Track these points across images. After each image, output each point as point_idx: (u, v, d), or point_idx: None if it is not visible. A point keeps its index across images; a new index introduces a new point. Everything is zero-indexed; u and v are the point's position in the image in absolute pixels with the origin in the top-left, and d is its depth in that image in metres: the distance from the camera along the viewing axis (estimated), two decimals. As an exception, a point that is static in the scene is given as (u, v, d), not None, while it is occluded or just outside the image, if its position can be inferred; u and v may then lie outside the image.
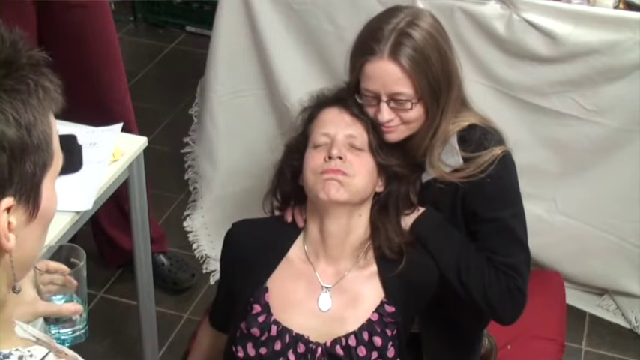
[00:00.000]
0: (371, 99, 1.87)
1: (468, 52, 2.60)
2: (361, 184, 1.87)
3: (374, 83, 1.85)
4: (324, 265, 1.92)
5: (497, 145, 1.91)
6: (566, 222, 2.78)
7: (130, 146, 2.12)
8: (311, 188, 1.88)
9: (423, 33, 1.84)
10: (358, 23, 2.07)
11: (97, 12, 2.46)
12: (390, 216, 1.93)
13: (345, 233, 1.91)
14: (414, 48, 1.82)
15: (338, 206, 1.86)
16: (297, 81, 2.84)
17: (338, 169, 1.84)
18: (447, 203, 1.95)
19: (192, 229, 3.18)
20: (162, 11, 4.55)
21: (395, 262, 1.90)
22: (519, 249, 1.94)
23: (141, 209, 2.24)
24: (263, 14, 2.83)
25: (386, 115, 1.85)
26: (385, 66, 1.82)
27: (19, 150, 0.90)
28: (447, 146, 1.91)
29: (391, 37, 1.82)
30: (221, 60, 2.95)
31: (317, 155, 1.88)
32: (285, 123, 2.83)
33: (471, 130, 1.92)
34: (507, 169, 1.93)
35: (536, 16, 2.54)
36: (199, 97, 3.30)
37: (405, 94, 1.83)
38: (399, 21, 1.85)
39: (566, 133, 2.66)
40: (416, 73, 1.81)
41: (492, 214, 1.92)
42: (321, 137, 1.90)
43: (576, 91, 2.59)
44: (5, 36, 0.92)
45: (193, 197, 3.28)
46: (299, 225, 1.97)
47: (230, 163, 3.11)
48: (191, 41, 4.43)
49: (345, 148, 1.87)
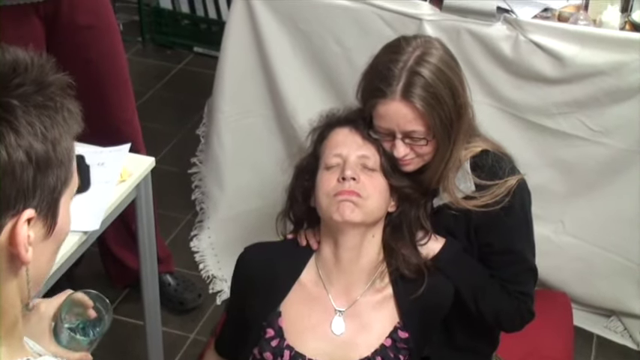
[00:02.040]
0: (385, 135, 1.87)
1: (474, 73, 2.60)
2: (375, 204, 1.86)
3: (387, 123, 1.84)
4: (337, 289, 1.91)
5: (512, 174, 1.91)
6: (573, 243, 2.77)
7: (138, 166, 2.13)
8: (325, 210, 1.87)
9: (433, 69, 1.81)
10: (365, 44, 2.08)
11: (106, 33, 2.47)
12: (405, 237, 1.93)
13: (359, 255, 1.89)
14: (425, 87, 1.80)
15: (352, 227, 1.85)
16: (304, 102, 2.85)
17: (352, 190, 1.83)
18: (461, 230, 1.96)
19: (199, 249, 3.18)
20: (170, 32, 4.57)
21: (413, 284, 1.89)
22: (531, 275, 1.99)
23: (148, 229, 2.24)
24: (270, 35, 2.85)
25: (402, 151, 1.86)
26: (397, 108, 1.81)
27: (44, 163, 0.92)
28: (460, 171, 1.91)
29: (402, 78, 1.80)
30: (228, 81, 2.96)
31: (330, 176, 1.87)
32: (293, 144, 2.84)
33: (483, 155, 1.92)
34: (522, 200, 1.93)
35: (542, 38, 2.54)
36: (207, 117, 3.31)
37: (419, 132, 1.83)
38: (408, 58, 1.82)
39: (572, 154, 2.66)
40: (428, 112, 1.80)
41: (507, 247, 1.94)
42: (333, 158, 1.89)
43: (583, 111, 2.59)
44: (34, 58, 0.95)
45: (200, 217, 3.28)
46: (313, 247, 1.95)
47: (237, 183, 3.11)
48: (199, 62, 4.45)
49: (358, 168, 1.86)
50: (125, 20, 4.67)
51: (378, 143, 1.88)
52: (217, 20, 4.40)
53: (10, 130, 0.89)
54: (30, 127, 0.91)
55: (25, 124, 0.90)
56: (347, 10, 2.74)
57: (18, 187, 0.91)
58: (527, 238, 1.98)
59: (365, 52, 1.96)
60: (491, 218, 1.89)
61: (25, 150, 0.90)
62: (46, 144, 0.92)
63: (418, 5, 2.67)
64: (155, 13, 4.56)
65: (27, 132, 0.90)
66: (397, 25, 2.65)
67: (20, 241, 0.93)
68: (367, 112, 1.88)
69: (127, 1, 4.77)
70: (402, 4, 2.68)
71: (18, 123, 0.90)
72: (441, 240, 1.95)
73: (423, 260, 1.92)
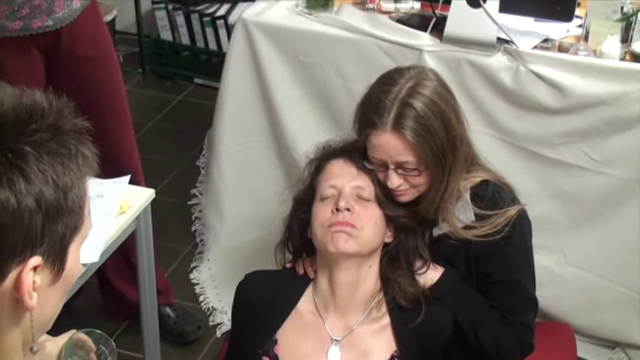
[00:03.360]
0: (379, 166, 1.89)
1: (474, 103, 2.61)
2: (370, 235, 1.87)
3: (380, 153, 1.86)
4: (333, 318, 1.91)
5: (512, 204, 1.92)
6: (576, 274, 2.76)
7: (138, 198, 2.13)
8: (320, 241, 1.88)
9: (425, 101, 1.82)
10: (366, 75, 2.08)
11: (105, 64, 2.48)
12: (402, 267, 1.93)
13: (355, 285, 1.90)
14: (416, 119, 1.81)
15: (347, 258, 1.86)
16: (304, 132, 2.86)
17: (346, 221, 1.84)
18: (460, 260, 1.96)
19: (199, 281, 3.17)
20: (171, 63, 4.59)
21: (410, 313, 1.89)
22: (531, 306, 1.99)
23: (147, 261, 2.23)
24: (271, 66, 2.85)
25: (395, 182, 1.87)
26: (389, 139, 1.82)
27: (53, 211, 0.92)
28: (460, 202, 1.92)
29: (393, 109, 1.81)
30: (229, 111, 2.97)
31: (324, 208, 1.88)
32: (293, 174, 2.83)
33: (483, 186, 1.93)
34: (522, 230, 1.94)
35: (543, 68, 2.55)
36: (207, 148, 3.31)
37: (410, 163, 1.84)
38: (400, 90, 1.83)
39: (574, 184, 2.65)
40: (419, 143, 1.81)
41: (507, 277, 1.94)
42: (327, 189, 1.90)
43: (584, 142, 2.59)
44: (53, 102, 0.95)
45: (200, 249, 3.27)
46: (310, 276, 1.96)
47: (237, 214, 3.11)
48: (199, 93, 4.46)
49: (353, 199, 1.87)
50: (125, 52, 4.69)
51: (373, 174, 1.90)
52: (217, 52, 4.42)
53: (21, 177, 0.88)
54: (42, 174, 0.90)
55: (36, 171, 0.90)
56: (348, 41, 2.75)
57: (26, 234, 0.90)
58: (527, 268, 1.98)
59: (365, 83, 1.97)
60: (491, 248, 1.90)
61: (35, 197, 0.89)
62: (57, 191, 0.92)
63: (418, 36, 2.68)
64: (155, 45, 4.58)
65: (38, 179, 0.90)
66: (397, 56, 2.66)
67: (25, 289, 0.92)
68: (361, 142, 1.89)
69: (128, 33, 4.79)
70: (403, 36, 2.69)
71: (29, 170, 0.89)
72: (439, 269, 1.96)
73: (421, 289, 1.91)
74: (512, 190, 1.97)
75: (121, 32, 4.76)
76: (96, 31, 2.44)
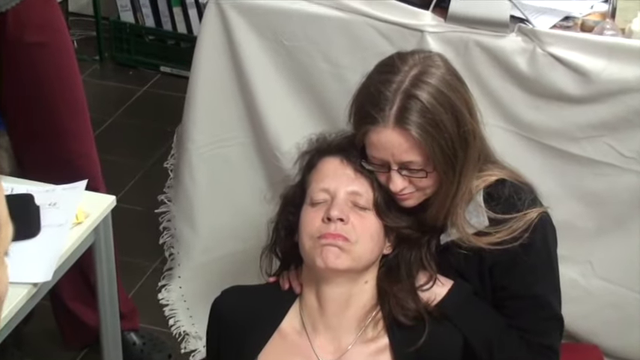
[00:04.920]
0: (379, 167, 1.89)
1: (485, 92, 2.61)
2: (365, 249, 1.88)
3: (381, 152, 1.86)
4: (323, 338, 1.92)
5: (532, 206, 1.92)
6: (604, 287, 2.77)
7: (96, 206, 2.13)
8: (307, 253, 1.89)
9: (431, 91, 1.82)
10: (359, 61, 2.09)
11: (58, 52, 2.48)
12: (402, 280, 1.93)
13: (347, 302, 1.91)
14: (422, 113, 1.81)
15: (338, 274, 1.87)
16: (289, 128, 2.85)
17: (338, 233, 1.85)
18: (472, 272, 1.97)
19: (169, 302, 3.17)
20: (133, 49, 4.59)
21: (412, 333, 1.89)
22: (555, 325, 1.99)
23: (108, 280, 2.24)
24: (249, 52, 2.86)
25: (399, 185, 1.87)
26: (391, 137, 1.83)
27: None
28: (472, 204, 1.92)
29: (395, 102, 1.81)
30: (201, 105, 2.97)
31: (314, 215, 1.89)
32: (276, 176, 2.84)
33: (498, 185, 1.93)
34: (544, 237, 1.94)
35: (563, 50, 2.56)
36: (176, 147, 3.31)
37: (416, 163, 1.85)
38: (403, 79, 1.83)
39: (601, 185, 2.66)
40: (426, 141, 1.81)
41: (527, 291, 1.95)
42: (319, 193, 1.90)
43: (612, 135, 2.60)
44: None
45: (170, 265, 3.28)
46: (296, 291, 1.97)
47: (212, 224, 3.11)
48: (166, 83, 4.45)
49: (347, 207, 1.88)
50: (80, 36, 4.69)
51: (373, 177, 1.90)
52: (187, 35, 4.42)
53: None
54: None
55: None
56: (337, 21, 2.75)
57: None
58: (552, 280, 1.98)
59: (358, 70, 1.98)
60: (509, 257, 1.90)
61: None
62: None
63: (419, 15, 2.68)
64: (115, 28, 4.58)
65: None
66: (395, 39, 2.67)
67: None
68: (359, 140, 1.89)
69: (82, 15, 4.79)
70: (401, 14, 2.68)
71: None
72: (447, 283, 1.96)
73: (424, 305, 1.92)
74: (532, 190, 1.98)
75: (74, 14, 4.76)
76: (46, 13, 2.44)
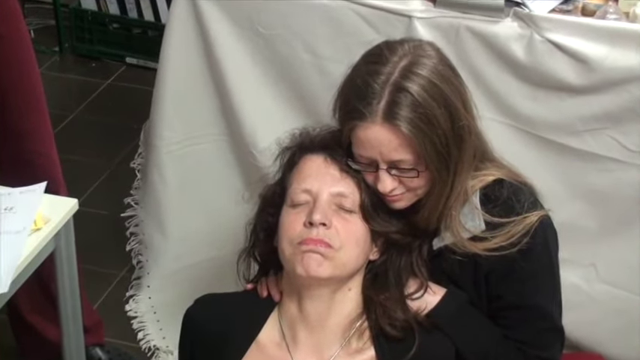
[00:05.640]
0: (367, 165, 1.88)
1: (478, 82, 2.61)
2: (349, 256, 1.88)
3: (368, 150, 1.85)
4: (303, 350, 1.92)
5: (532, 209, 1.92)
6: (609, 292, 2.78)
7: (57, 211, 2.13)
8: (287, 260, 1.89)
9: (423, 83, 1.82)
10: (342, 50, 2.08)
11: (13, 43, 2.47)
12: (390, 288, 1.94)
13: (329, 310, 1.91)
14: (413, 107, 1.80)
15: (320, 283, 1.87)
16: (266, 124, 2.85)
17: (320, 238, 1.85)
18: (467, 279, 1.97)
19: (137, 313, 3.17)
20: (96, 39, 4.58)
21: (401, 345, 1.89)
22: (555, 337, 2.00)
23: (71, 290, 2.23)
24: (222, 41, 2.85)
25: (388, 185, 1.87)
26: (379, 133, 1.82)
27: None
28: (467, 206, 1.93)
29: (383, 96, 1.81)
30: (170, 99, 2.96)
31: (295, 218, 1.89)
32: (253, 175, 2.84)
33: (496, 186, 1.94)
34: (545, 242, 1.94)
35: (562, 37, 2.56)
36: (143, 145, 3.31)
37: (407, 162, 1.84)
38: (392, 70, 1.83)
39: (605, 181, 2.67)
40: (417, 138, 1.81)
41: (525, 301, 1.95)
42: (300, 194, 1.90)
43: (616, 127, 2.61)
44: None
45: (138, 273, 3.28)
46: (275, 299, 1.97)
47: (184, 228, 3.11)
48: (132, 76, 4.45)
49: (331, 210, 1.88)
50: (38, 25, 4.67)
51: (360, 178, 1.90)
52: (155, 23, 4.42)
53: None
54: None
55: None
56: (319, 7, 2.74)
57: None
58: (552, 289, 1.99)
59: (341, 60, 1.98)
60: (506, 264, 1.90)
61: None
62: None
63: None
64: (76, 16, 4.57)
65: None
66: (381, 25, 2.66)
67: None
68: (344, 136, 1.89)
69: (40, 2, 4.78)
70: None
71: None
72: (440, 291, 1.96)
73: (413, 314, 1.92)
74: (532, 192, 1.98)
75: (31, 1, 4.74)
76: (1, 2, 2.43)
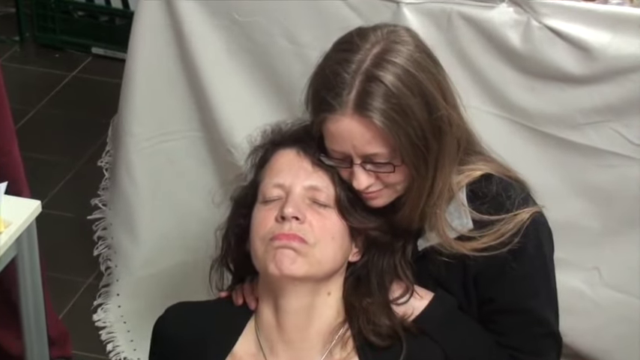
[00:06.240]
0: (340, 161, 1.89)
1: (471, 72, 2.62)
2: (325, 253, 1.88)
3: (340, 144, 1.86)
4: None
5: (523, 206, 1.93)
6: (613, 297, 2.78)
7: (18, 213, 2.13)
8: (260, 259, 1.89)
9: (397, 72, 1.81)
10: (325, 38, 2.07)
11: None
12: (373, 292, 1.94)
13: (309, 318, 1.91)
14: (386, 97, 1.80)
15: (295, 283, 1.87)
16: (244, 118, 2.85)
17: (293, 233, 1.85)
18: (455, 283, 1.98)
19: (106, 323, 3.18)
20: (59, 28, 4.57)
21: (387, 353, 1.90)
22: (551, 343, 2.01)
23: (34, 299, 2.23)
24: (196, 29, 2.85)
25: (363, 181, 1.87)
26: (350, 125, 1.82)
27: None
28: (453, 203, 1.93)
29: (354, 86, 1.81)
30: (140, 92, 2.96)
31: (267, 214, 1.89)
32: (230, 174, 2.82)
33: (484, 181, 1.94)
34: (538, 241, 1.95)
35: (562, 23, 2.56)
36: (111, 142, 3.31)
37: (382, 156, 1.84)
38: (363, 58, 1.83)
39: (608, 178, 2.67)
40: (392, 130, 1.80)
41: (518, 305, 1.96)
42: (272, 189, 1.91)
43: (619, 120, 2.61)
44: None
45: (106, 280, 3.28)
46: (250, 307, 1.98)
47: (155, 232, 3.12)
48: (99, 67, 4.46)
49: (305, 204, 1.89)
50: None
51: (335, 171, 1.91)
52: (123, 11, 4.42)
53: None
54: None
55: None
56: (299, -8, 2.76)
57: None
58: (546, 291, 2.00)
59: (323, 49, 1.97)
60: (496, 265, 1.91)
61: None
62: None
63: (394, -16, 2.69)
64: (37, 3, 4.56)
65: None
66: (366, 11, 2.66)
67: None
68: (315, 131, 1.90)
69: (-1, -12, 4.78)
70: (373, -17, 2.70)
71: None
72: (426, 295, 1.97)
73: (400, 321, 1.93)
74: (524, 187, 1.99)
75: (-12, -14, 4.74)
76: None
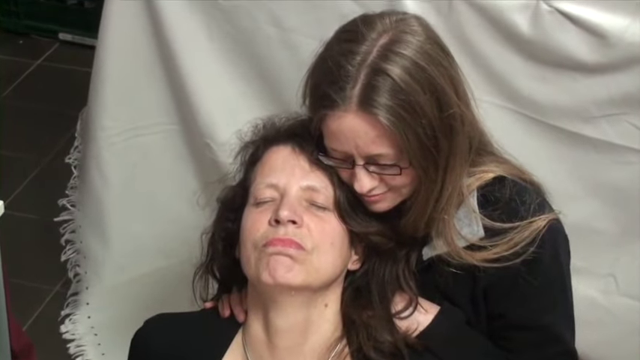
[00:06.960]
0: (341, 161, 1.88)
1: (475, 61, 2.62)
2: (324, 260, 1.87)
3: (342, 144, 1.85)
4: (273, 380, 1.92)
5: (539, 212, 1.92)
6: (631, 306, 2.79)
7: (-23, 216, 2.11)
8: (251, 267, 1.88)
9: (406, 65, 1.80)
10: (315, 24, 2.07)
11: None
12: (374, 305, 1.93)
13: (303, 332, 1.90)
14: (394, 93, 1.79)
15: (290, 293, 1.86)
16: (226, 111, 2.86)
17: (289, 238, 1.84)
18: (463, 296, 1.98)
19: (75, 335, 3.18)
20: (23, 12, 4.58)
21: None
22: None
23: (-5, 310, 2.21)
24: (173, 14, 2.84)
25: (366, 184, 1.86)
26: (353, 123, 1.81)
27: None
28: (463, 209, 1.93)
29: (359, 80, 1.80)
30: (112, 82, 2.96)
31: (259, 217, 1.88)
32: (210, 172, 2.84)
33: (497, 185, 1.94)
34: (555, 252, 1.95)
35: (574, 6, 2.56)
36: (81, 137, 3.30)
37: (387, 157, 1.84)
38: (369, 49, 1.81)
39: (625, 175, 2.67)
40: (399, 129, 1.79)
41: (532, 321, 1.96)
42: (265, 190, 1.90)
43: (637, 112, 2.61)
44: None
45: (75, 288, 3.29)
46: (239, 319, 1.97)
47: (128, 234, 3.12)
48: (67, 55, 4.46)
49: (301, 206, 1.88)
50: (-46, -3, 4.66)
51: (334, 171, 1.90)
52: (92, -7, 4.41)
53: None
54: None
55: None
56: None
57: None
58: (563, 306, 2.00)
59: (313, 35, 1.97)
60: (508, 277, 1.91)
61: None
62: None
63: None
64: (-1, -15, 4.56)
65: None
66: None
67: None
68: (315, 128, 1.88)
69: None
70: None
71: None
72: (432, 309, 1.97)
73: (403, 336, 1.92)
74: (540, 191, 1.99)
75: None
76: None
